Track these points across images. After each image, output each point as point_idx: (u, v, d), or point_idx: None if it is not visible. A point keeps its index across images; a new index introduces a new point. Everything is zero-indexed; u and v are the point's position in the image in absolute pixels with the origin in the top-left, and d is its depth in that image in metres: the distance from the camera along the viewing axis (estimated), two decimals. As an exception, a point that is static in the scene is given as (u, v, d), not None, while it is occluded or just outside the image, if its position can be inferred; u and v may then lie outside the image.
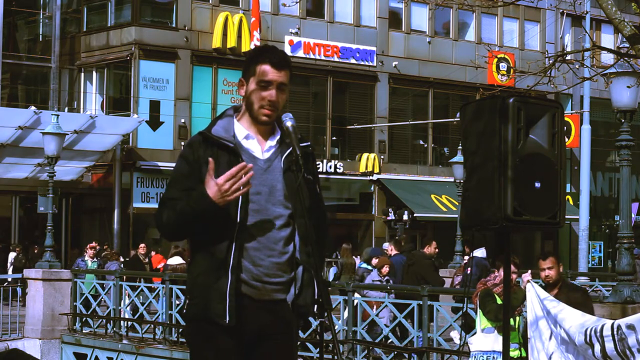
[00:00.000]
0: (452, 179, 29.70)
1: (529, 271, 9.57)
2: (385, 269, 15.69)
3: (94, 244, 23.74)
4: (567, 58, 14.42)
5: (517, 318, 9.49)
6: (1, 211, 31.84)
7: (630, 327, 7.69)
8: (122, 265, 22.76)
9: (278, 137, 4.48)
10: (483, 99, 7.30)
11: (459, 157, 25.96)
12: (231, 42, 32.65)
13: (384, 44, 36.56)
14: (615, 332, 7.75)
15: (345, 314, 14.87)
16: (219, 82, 32.97)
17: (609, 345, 7.78)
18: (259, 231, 4.35)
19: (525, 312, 9.36)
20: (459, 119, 7.58)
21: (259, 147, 4.45)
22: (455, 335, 16.42)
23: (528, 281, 9.37)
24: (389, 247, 19.09)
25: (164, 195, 4.47)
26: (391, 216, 33.12)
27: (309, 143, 4.55)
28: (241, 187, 4.21)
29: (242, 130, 4.45)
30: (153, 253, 26.88)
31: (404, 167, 36.90)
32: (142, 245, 24.75)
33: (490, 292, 9.55)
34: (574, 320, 8.43)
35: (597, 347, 7.89)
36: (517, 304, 9.46)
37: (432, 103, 38.02)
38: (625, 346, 7.67)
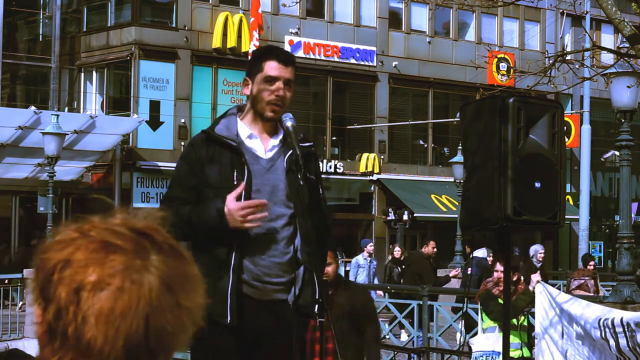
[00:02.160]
0: (452, 179, 29.69)
1: (538, 272, 9.55)
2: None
3: None
4: (567, 58, 14.40)
5: (521, 317, 9.47)
6: (1, 211, 31.82)
7: (638, 324, 7.71)
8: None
9: (281, 136, 4.49)
10: (483, 99, 7.32)
11: (459, 157, 25.96)
12: (231, 42, 32.64)
13: (384, 44, 36.55)
14: (626, 329, 7.77)
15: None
16: (219, 82, 32.96)
17: (622, 342, 7.80)
18: (260, 231, 4.35)
19: (533, 311, 9.34)
20: (459, 119, 7.58)
21: (262, 147, 4.46)
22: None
23: (538, 282, 9.35)
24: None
25: (167, 194, 4.49)
26: (391, 216, 33.09)
27: (311, 143, 4.56)
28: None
29: (245, 130, 4.47)
30: None
31: (404, 167, 36.89)
32: None
33: (490, 293, 9.53)
34: (583, 312, 8.43)
35: (612, 343, 7.92)
36: (524, 305, 9.42)
37: (432, 103, 38.01)
38: (635, 343, 7.70)
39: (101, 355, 1.36)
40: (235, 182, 4.32)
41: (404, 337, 16.41)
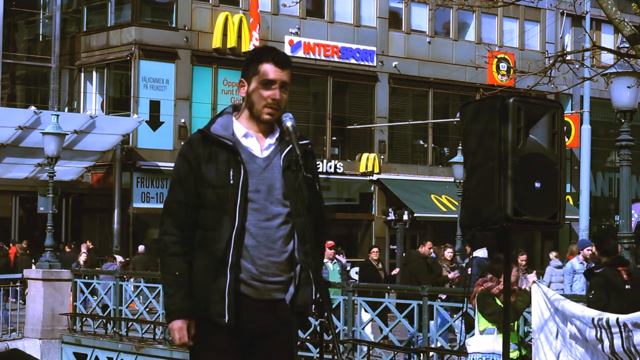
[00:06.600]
0: (452, 179, 29.70)
1: (534, 272, 9.52)
2: None
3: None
4: (567, 58, 14.40)
5: (517, 318, 9.46)
6: (1, 211, 31.83)
7: (636, 324, 7.69)
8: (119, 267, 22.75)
9: (277, 135, 4.48)
10: (483, 99, 7.31)
11: (459, 157, 25.96)
12: (231, 42, 32.64)
13: (384, 44, 36.55)
14: (622, 329, 7.75)
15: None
16: (219, 82, 32.97)
17: (617, 342, 7.78)
18: (257, 230, 4.34)
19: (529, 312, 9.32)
20: (459, 119, 7.58)
21: (258, 146, 4.45)
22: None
23: (534, 282, 9.33)
24: None
25: (169, 196, 4.47)
26: (391, 216, 33.07)
27: (308, 141, 4.56)
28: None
29: (241, 129, 4.46)
30: (11, 245, 27.74)
31: (404, 167, 36.89)
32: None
33: (488, 293, 9.47)
34: (577, 312, 8.43)
35: (607, 343, 7.90)
36: (523, 306, 9.38)
37: (432, 103, 38.01)
38: (631, 344, 7.68)
39: None
40: (231, 182, 4.32)
41: None
